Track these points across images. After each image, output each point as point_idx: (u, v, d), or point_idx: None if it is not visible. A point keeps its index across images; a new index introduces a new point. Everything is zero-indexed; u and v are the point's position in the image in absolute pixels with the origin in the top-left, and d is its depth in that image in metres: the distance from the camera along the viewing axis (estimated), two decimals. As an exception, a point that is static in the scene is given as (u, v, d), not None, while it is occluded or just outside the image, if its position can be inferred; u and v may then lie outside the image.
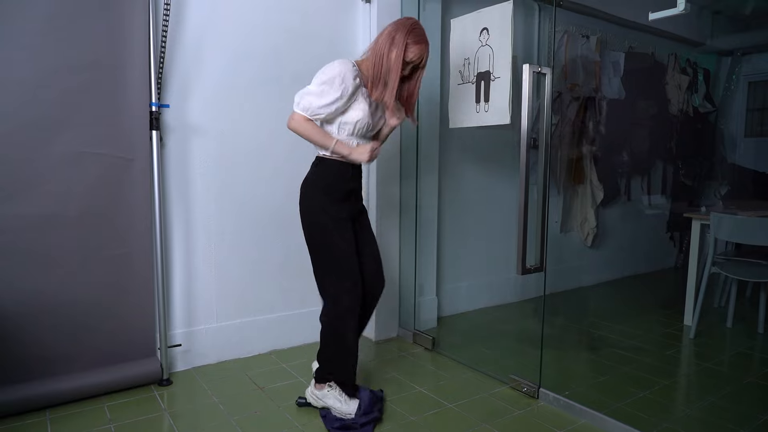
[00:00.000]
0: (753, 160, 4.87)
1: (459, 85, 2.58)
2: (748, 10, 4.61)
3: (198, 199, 2.54)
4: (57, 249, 2.17)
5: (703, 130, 4.79)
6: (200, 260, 2.57)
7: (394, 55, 1.91)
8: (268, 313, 2.79)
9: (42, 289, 2.15)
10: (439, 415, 2.16)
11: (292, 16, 2.71)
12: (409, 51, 1.92)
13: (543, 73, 2.22)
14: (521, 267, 2.27)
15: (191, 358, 2.57)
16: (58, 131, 2.14)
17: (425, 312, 3.15)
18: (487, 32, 2.40)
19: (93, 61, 2.18)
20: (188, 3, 2.43)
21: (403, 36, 1.91)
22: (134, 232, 2.33)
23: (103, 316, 2.29)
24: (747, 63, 4.94)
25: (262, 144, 2.68)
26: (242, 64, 2.59)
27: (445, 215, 3.31)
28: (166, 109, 2.40)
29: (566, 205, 4.05)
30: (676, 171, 4.75)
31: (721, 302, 3.55)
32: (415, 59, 1.95)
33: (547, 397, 2.27)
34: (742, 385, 2.50)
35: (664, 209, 4.77)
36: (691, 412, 2.25)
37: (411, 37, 1.92)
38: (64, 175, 2.17)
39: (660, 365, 2.72)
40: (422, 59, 1.97)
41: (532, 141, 2.32)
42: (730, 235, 3.00)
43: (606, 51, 4.01)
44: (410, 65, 1.97)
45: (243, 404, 2.22)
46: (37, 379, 2.15)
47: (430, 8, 2.94)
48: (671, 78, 4.49)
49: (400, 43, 1.91)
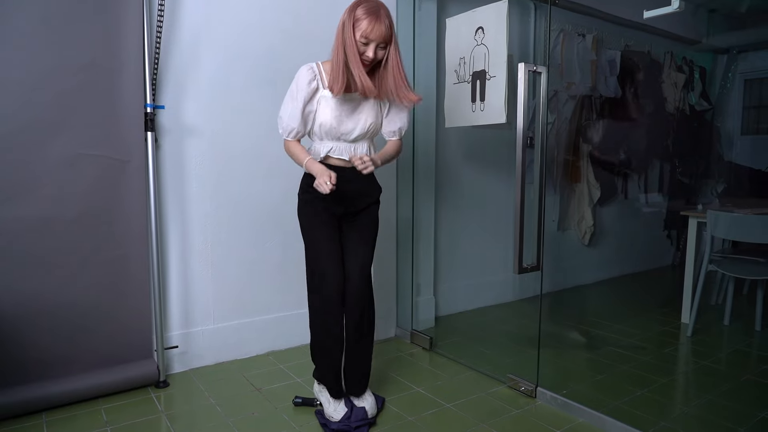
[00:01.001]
0: (749, 158, 4.87)
1: (455, 85, 2.58)
2: (744, 7, 4.62)
3: (194, 199, 2.54)
4: (54, 251, 2.17)
5: (699, 128, 4.79)
6: (197, 261, 2.57)
7: (347, 35, 1.83)
8: (265, 314, 2.78)
9: (39, 292, 2.14)
10: (437, 415, 2.16)
11: (286, 16, 2.70)
12: (357, 27, 1.81)
13: (538, 72, 2.22)
14: (518, 266, 2.27)
15: (188, 360, 2.57)
16: (54, 133, 2.14)
17: (423, 312, 3.15)
18: (483, 31, 2.40)
19: (88, 63, 2.17)
20: (182, 4, 2.43)
21: (351, 13, 1.83)
22: (131, 234, 2.33)
23: (100, 318, 2.28)
24: (743, 61, 4.95)
25: (258, 144, 2.67)
26: (237, 65, 2.59)
27: (442, 215, 3.31)
28: (161, 110, 2.40)
29: (563, 204, 4.06)
30: (673, 169, 4.76)
31: (719, 300, 3.55)
32: (368, 34, 1.81)
33: (545, 397, 2.27)
34: (740, 382, 2.50)
35: (661, 207, 4.77)
36: (689, 410, 2.26)
37: (358, 12, 1.82)
38: (61, 178, 2.16)
39: (658, 363, 2.72)
40: (380, 35, 1.82)
41: (529, 140, 2.32)
42: (726, 232, 3.00)
43: (602, 49, 4.01)
44: (370, 44, 1.83)
45: (240, 406, 2.22)
46: (33, 381, 2.14)
47: (425, 8, 2.94)
48: (667, 76, 4.49)
49: (348, 21, 1.83)
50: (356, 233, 2.08)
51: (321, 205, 2.01)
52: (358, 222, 2.09)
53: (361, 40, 1.83)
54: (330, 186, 1.82)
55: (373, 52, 1.85)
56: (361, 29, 1.82)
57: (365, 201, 2.08)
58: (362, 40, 1.83)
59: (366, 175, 1.93)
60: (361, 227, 2.09)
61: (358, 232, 2.08)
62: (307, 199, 2.04)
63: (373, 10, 1.82)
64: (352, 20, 1.83)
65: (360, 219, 2.09)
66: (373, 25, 1.81)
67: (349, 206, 2.05)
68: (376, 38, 1.83)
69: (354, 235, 2.07)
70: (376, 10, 1.83)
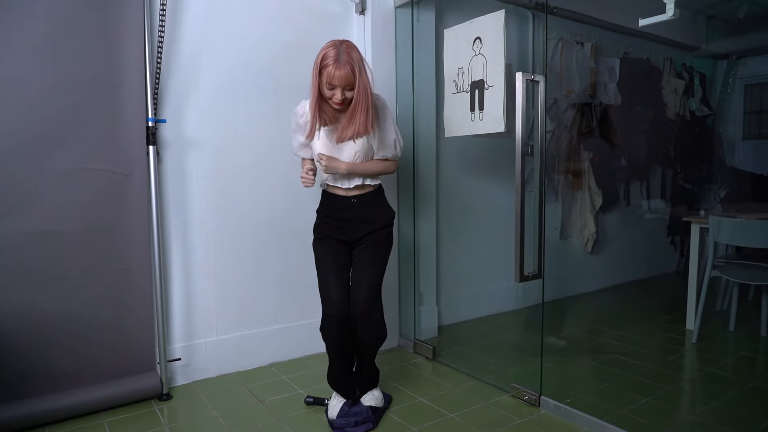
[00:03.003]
0: (751, 163, 4.87)
1: (453, 95, 2.60)
2: (743, 13, 4.62)
3: (196, 212, 2.55)
4: (57, 265, 2.18)
5: (700, 134, 4.79)
6: (199, 274, 2.58)
7: (315, 78, 1.96)
8: (268, 326, 2.78)
9: (42, 305, 2.16)
10: (440, 425, 2.15)
11: (287, 29, 2.73)
12: (323, 72, 1.92)
13: (536, 81, 2.23)
14: (519, 274, 2.27)
15: (191, 372, 2.57)
16: (57, 148, 2.16)
17: (425, 321, 3.14)
18: (480, 41, 2.42)
19: (90, 78, 2.20)
20: (183, 19, 2.46)
21: (318, 58, 1.95)
22: (133, 247, 2.34)
23: (103, 331, 2.29)
24: (743, 66, 4.95)
25: (259, 157, 2.69)
26: (238, 78, 2.61)
27: (443, 224, 3.32)
28: (162, 124, 2.42)
29: (565, 212, 4.05)
30: (674, 175, 4.75)
31: (723, 306, 3.53)
32: (331, 80, 1.91)
33: (549, 405, 2.25)
34: (746, 389, 2.48)
35: (664, 213, 4.76)
36: (694, 417, 2.24)
37: (323, 59, 1.92)
38: (63, 191, 2.18)
39: (662, 371, 2.70)
40: (342, 80, 1.91)
41: (529, 148, 2.33)
42: (729, 238, 2.99)
43: (601, 57, 4.03)
44: (336, 89, 1.93)
45: (243, 418, 2.21)
46: (37, 395, 2.15)
47: (423, 19, 2.96)
48: (667, 82, 4.50)
49: (316, 66, 1.95)
50: (364, 258, 2.16)
51: (326, 229, 2.17)
52: (365, 247, 2.16)
53: (327, 85, 1.94)
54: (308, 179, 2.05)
55: (341, 94, 1.95)
56: (324, 75, 1.92)
57: (368, 228, 2.14)
58: (328, 85, 1.94)
59: (368, 202, 2.13)
60: (368, 252, 2.16)
61: (365, 256, 2.16)
62: (317, 223, 2.21)
63: (336, 56, 1.91)
64: (318, 66, 1.94)
65: (366, 244, 2.16)
66: (334, 71, 1.90)
67: (352, 233, 2.14)
68: (340, 83, 1.92)
69: (362, 260, 2.16)
70: (337, 55, 1.91)
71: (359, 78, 1.93)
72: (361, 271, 2.14)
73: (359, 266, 2.15)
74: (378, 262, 2.16)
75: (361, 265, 2.15)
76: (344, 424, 2.11)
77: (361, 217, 2.13)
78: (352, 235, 2.14)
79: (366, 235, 2.14)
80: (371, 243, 2.15)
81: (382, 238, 2.17)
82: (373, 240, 2.15)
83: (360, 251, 2.16)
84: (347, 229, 2.14)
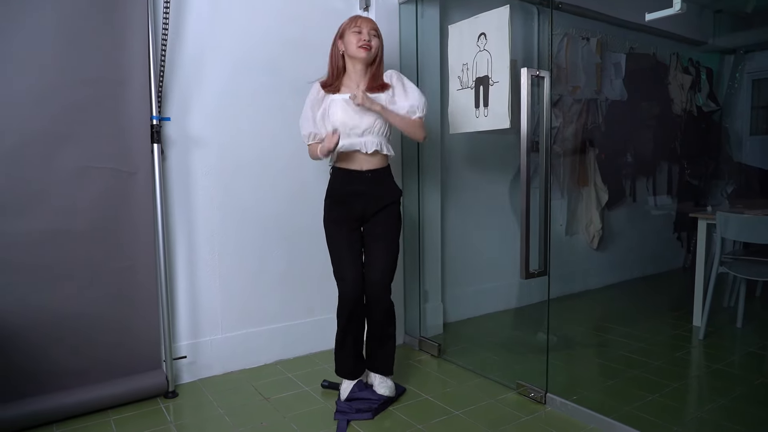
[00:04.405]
0: (759, 158, 4.82)
1: (458, 91, 2.59)
2: (750, 7, 4.58)
3: (201, 210, 2.55)
4: (62, 263, 2.19)
5: (707, 129, 4.75)
6: (204, 271, 2.58)
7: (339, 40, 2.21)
8: (274, 323, 2.78)
9: (49, 303, 2.16)
10: (446, 422, 2.15)
11: (290, 26, 2.72)
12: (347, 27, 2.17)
13: (542, 77, 2.21)
14: (525, 271, 2.26)
15: (197, 370, 2.57)
16: (62, 146, 2.16)
17: (431, 318, 3.14)
18: (485, 37, 2.40)
19: (95, 77, 2.20)
20: (187, 17, 2.45)
21: (338, 30, 2.22)
22: (138, 245, 2.34)
23: (109, 329, 2.30)
24: (750, 61, 4.90)
25: (264, 154, 2.69)
26: (242, 76, 2.61)
27: (448, 220, 3.31)
28: (167, 122, 2.42)
29: (571, 208, 4.03)
30: (681, 171, 4.71)
31: (731, 302, 3.51)
32: (358, 23, 2.15)
33: (555, 403, 2.25)
34: (754, 386, 2.47)
35: (671, 209, 4.73)
36: (701, 414, 2.23)
37: (343, 24, 2.20)
38: (69, 190, 2.19)
39: (669, 368, 2.69)
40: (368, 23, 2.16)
41: (534, 144, 2.31)
42: (737, 234, 2.97)
43: (607, 52, 4.00)
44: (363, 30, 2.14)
45: (249, 415, 2.22)
46: (44, 393, 2.16)
47: (428, 15, 2.95)
48: (674, 78, 4.47)
49: (338, 35, 2.22)
50: (376, 236, 2.22)
51: (339, 210, 2.20)
52: (377, 223, 2.21)
53: (354, 30, 2.15)
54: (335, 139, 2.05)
55: (368, 35, 2.15)
56: (351, 23, 2.17)
57: (379, 203, 2.20)
58: (355, 29, 2.15)
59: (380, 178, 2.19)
60: (380, 229, 2.22)
61: (377, 234, 2.22)
62: (328, 204, 2.25)
63: (355, 15, 2.22)
64: (343, 26, 2.20)
65: (378, 220, 2.21)
66: (359, 18, 2.18)
67: (362, 209, 2.18)
68: (366, 25, 2.16)
69: (375, 238, 2.21)
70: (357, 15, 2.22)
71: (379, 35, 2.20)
72: (377, 254, 2.21)
73: (374, 247, 2.22)
74: (392, 242, 2.24)
75: (377, 246, 2.21)
76: (346, 409, 2.20)
77: (374, 193, 2.20)
78: (363, 212, 2.20)
79: (377, 211, 2.20)
80: (383, 220, 2.22)
81: (392, 214, 2.25)
82: (384, 216, 2.22)
83: (370, 227, 2.22)
84: (359, 205, 2.19)
